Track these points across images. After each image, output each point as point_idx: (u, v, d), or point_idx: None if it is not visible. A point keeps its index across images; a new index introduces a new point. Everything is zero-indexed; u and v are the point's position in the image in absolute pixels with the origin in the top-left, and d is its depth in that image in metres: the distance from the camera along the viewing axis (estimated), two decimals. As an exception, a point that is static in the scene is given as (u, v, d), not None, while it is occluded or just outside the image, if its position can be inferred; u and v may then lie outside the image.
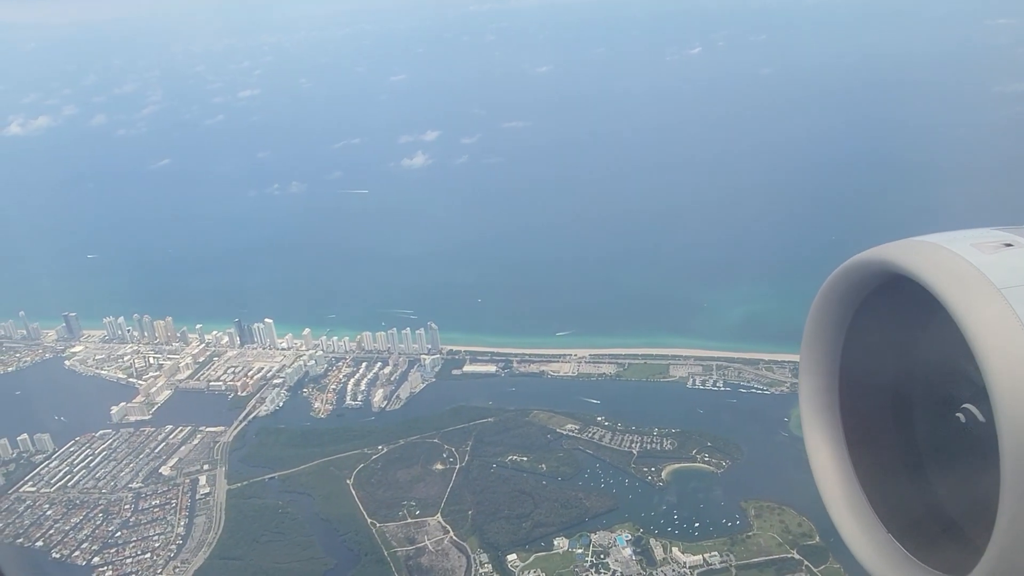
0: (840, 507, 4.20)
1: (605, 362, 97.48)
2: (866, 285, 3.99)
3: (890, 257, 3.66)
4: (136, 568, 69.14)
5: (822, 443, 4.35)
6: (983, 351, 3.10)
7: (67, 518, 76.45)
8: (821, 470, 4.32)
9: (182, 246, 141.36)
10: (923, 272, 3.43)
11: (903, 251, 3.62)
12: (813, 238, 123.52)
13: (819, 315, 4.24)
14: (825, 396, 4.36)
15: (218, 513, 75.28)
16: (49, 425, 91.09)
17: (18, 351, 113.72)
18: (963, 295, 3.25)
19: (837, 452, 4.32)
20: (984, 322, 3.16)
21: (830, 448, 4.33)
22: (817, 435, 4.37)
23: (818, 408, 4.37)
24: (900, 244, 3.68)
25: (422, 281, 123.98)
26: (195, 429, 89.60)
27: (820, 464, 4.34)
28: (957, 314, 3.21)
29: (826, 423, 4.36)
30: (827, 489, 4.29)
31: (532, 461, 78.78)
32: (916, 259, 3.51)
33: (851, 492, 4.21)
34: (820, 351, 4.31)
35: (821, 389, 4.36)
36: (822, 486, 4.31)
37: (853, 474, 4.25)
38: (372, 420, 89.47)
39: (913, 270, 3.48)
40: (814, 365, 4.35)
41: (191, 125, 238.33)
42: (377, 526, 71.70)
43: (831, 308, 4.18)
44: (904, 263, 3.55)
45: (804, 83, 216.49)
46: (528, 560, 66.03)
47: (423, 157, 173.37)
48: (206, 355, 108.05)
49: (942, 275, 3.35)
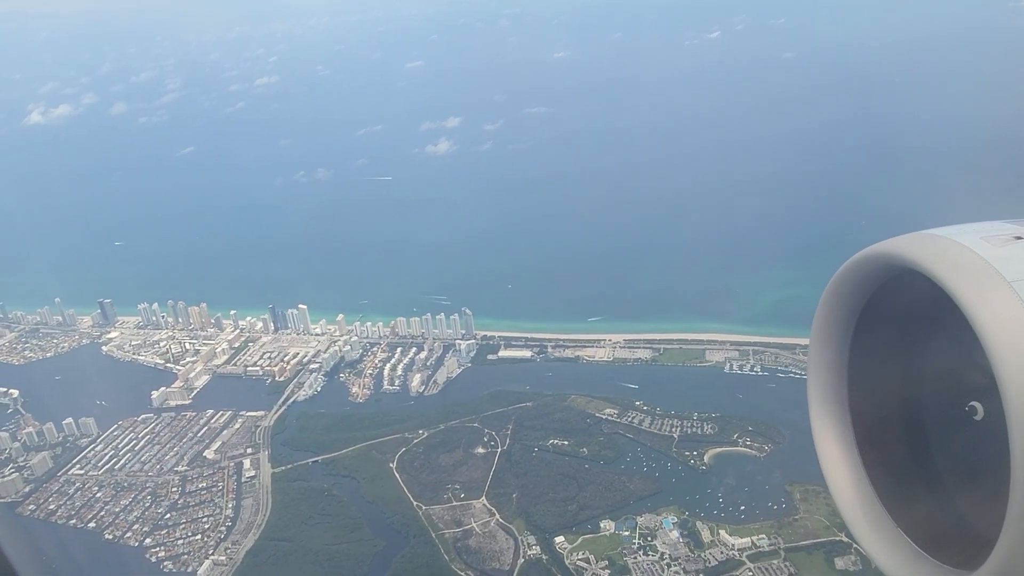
0: (850, 502, 4.19)
1: (640, 347, 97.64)
2: (875, 279, 3.93)
3: (899, 251, 3.61)
4: (188, 549, 70.26)
5: (831, 438, 4.32)
6: (993, 345, 3.07)
7: (116, 500, 77.76)
8: (830, 465, 4.31)
9: (211, 234, 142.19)
10: (932, 266, 3.40)
11: (912, 244, 3.58)
12: (842, 223, 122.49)
13: (828, 309, 4.20)
14: (834, 391, 4.33)
15: (265, 496, 76.31)
16: (91, 409, 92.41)
17: (55, 337, 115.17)
18: (973, 289, 3.21)
19: (846, 447, 4.29)
20: (994, 316, 3.12)
21: (839, 443, 4.30)
22: (826, 430, 4.34)
23: (827, 403, 4.34)
24: (909, 237, 3.65)
25: (451, 268, 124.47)
26: (236, 414, 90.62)
27: (829, 459, 4.32)
28: (967, 308, 3.18)
29: (835, 418, 4.32)
30: (836, 484, 4.27)
31: (573, 445, 79.23)
32: (925, 253, 3.47)
33: (861, 487, 4.19)
34: (829, 346, 4.29)
35: (830, 384, 4.33)
36: (831, 481, 4.30)
37: (862, 469, 4.22)
38: (411, 405, 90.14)
39: (922, 264, 3.45)
40: (822, 360, 4.33)
41: (211, 113, 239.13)
42: (423, 509, 72.47)
43: (840, 302, 4.14)
44: (913, 257, 3.51)
45: (827, 68, 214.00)
46: (575, 542, 66.59)
47: (447, 144, 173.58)
48: (241, 341, 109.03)
49: (952, 269, 3.32)
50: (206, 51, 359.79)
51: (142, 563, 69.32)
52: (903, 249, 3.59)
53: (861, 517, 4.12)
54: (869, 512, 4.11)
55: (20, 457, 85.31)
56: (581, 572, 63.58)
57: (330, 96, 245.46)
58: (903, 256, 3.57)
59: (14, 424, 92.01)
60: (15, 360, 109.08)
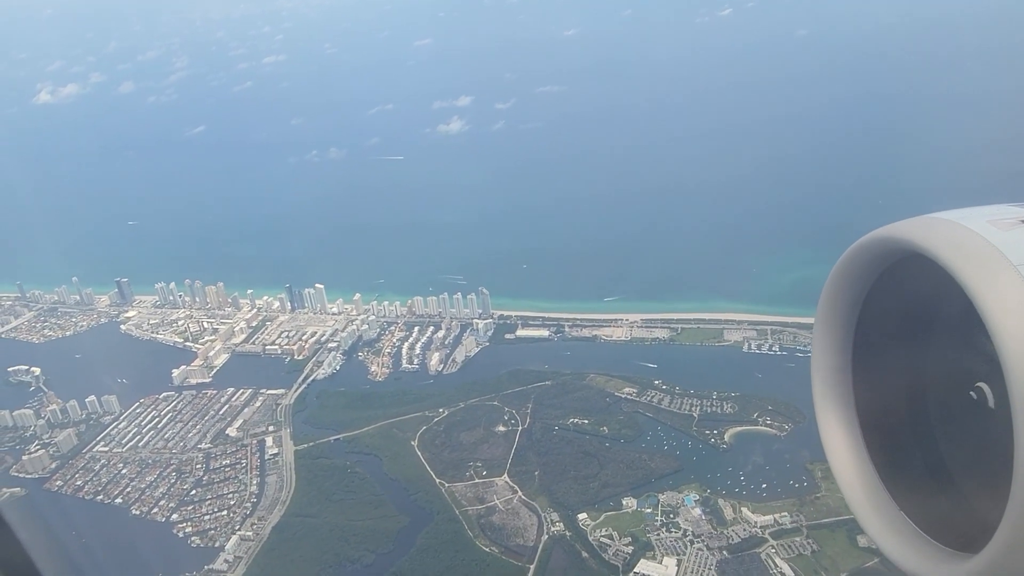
0: (853, 486, 4.18)
1: (658, 327, 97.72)
2: (880, 263, 3.91)
3: (904, 234, 3.58)
4: (214, 525, 71.20)
5: (835, 422, 4.32)
6: (999, 329, 3.05)
7: (142, 476, 78.73)
8: (834, 449, 4.30)
9: (225, 213, 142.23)
10: (938, 249, 3.36)
11: (917, 228, 3.55)
12: (859, 203, 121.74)
13: (832, 294, 4.18)
14: (838, 375, 4.32)
15: (288, 473, 77.11)
16: (113, 388, 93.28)
17: (73, 316, 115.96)
18: (979, 272, 3.18)
19: (850, 431, 4.29)
20: (1000, 300, 3.09)
21: (843, 427, 4.30)
22: (830, 414, 4.34)
23: (831, 387, 4.34)
24: (914, 221, 3.62)
25: (466, 247, 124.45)
26: (256, 392, 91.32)
27: (833, 443, 4.31)
28: (973, 292, 3.16)
29: (839, 402, 4.32)
30: (840, 468, 4.27)
31: (593, 424, 79.67)
32: (931, 236, 3.44)
33: (864, 471, 4.19)
34: (833, 330, 4.28)
35: (834, 368, 4.32)
36: (835, 465, 4.29)
37: (866, 453, 4.22)
38: (430, 383, 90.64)
39: (928, 247, 3.41)
40: (827, 344, 4.32)
41: (220, 92, 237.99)
42: (446, 486, 73.16)
43: (844, 287, 4.12)
44: (919, 240, 3.48)
45: (841, 45, 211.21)
46: (598, 519, 67.21)
47: (459, 123, 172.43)
48: (258, 320, 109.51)
49: (957, 252, 3.29)
50: (211, 29, 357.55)
51: (169, 538, 70.33)
52: (908, 233, 3.56)
53: (864, 500, 4.12)
54: (872, 495, 4.11)
55: (45, 434, 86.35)
56: (605, 548, 64.19)
57: (339, 75, 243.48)
58: (908, 240, 3.54)
59: (37, 402, 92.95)
60: (35, 339, 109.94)
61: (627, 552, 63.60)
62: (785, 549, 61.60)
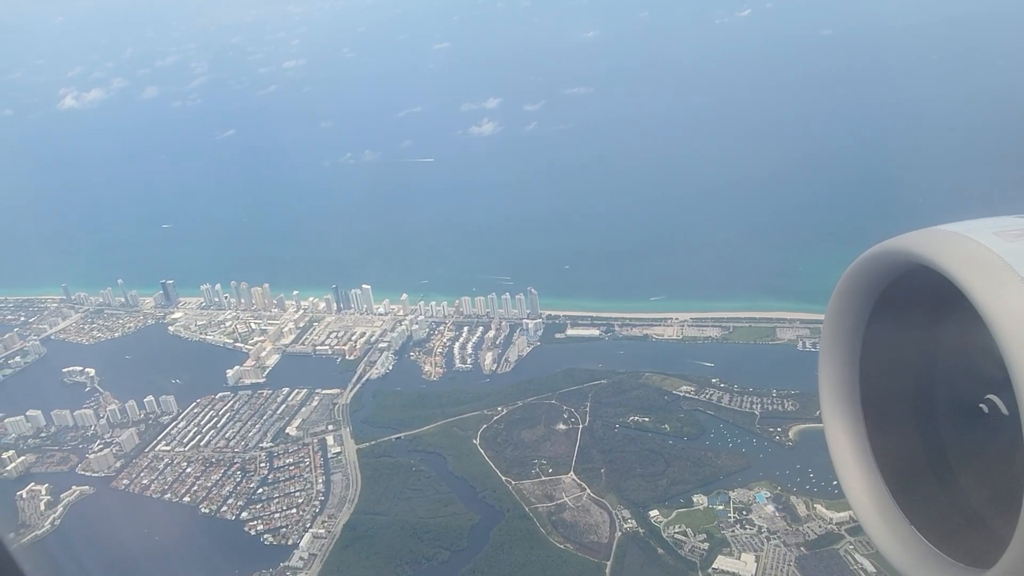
0: (862, 500, 4.13)
1: (708, 325, 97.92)
2: (886, 275, 3.86)
3: (911, 246, 3.54)
4: (285, 522, 71.62)
5: (843, 435, 4.26)
6: (1007, 341, 3.01)
7: (207, 475, 79.27)
8: (842, 463, 4.24)
9: (263, 215, 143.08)
10: (945, 261, 3.32)
11: (924, 240, 3.50)
12: (898, 201, 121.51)
13: (839, 306, 4.13)
14: (846, 388, 4.26)
15: (353, 471, 77.51)
16: (167, 388, 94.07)
17: (120, 318, 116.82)
18: (986, 284, 3.15)
19: (859, 444, 4.23)
20: (1008, 312, 3.06)
21: (851, 440, 4.24)
22: (838, 427, 4.28)
23: (839, 400, 4.28)
24: (921, 233, 3.57)
25: (506, 248, 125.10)
26: (311, 391, 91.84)
27: (841, 457, 4.26)
28: (980, 304, 3.13)
29: (847, 415, 4.26)
30: (849, 482, 4.21)
31: (654, 422, 79.88)
32: (938, 248, 3.40)
33: (873, 485, 4.14)
34: (840, 342, 4.22)
35: (842, 381, 4.27)
36: (843, 479, 4.23)
37: (875, 466, 4.17)
38: (486, 383, 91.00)
39: (935, 259, 3.37)
40: (834, 356, 4.27)
41: (244, 96, 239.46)
42: (513, 484, 73.45)
43: (851, 299, 4.07)
44: (925, 252, 3.44)
45: (867, 45, 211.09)
46: (670, 516, 67.38)
47: (491, 124, 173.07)
48: (305, 320, 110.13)
49: (964, 264, 3.26)
50: (225, 34, 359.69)
51: (241, 536, 70.80)
52: (915, 245, 3.52)
53: (874, 514, 4.07)
54: (882, 509, 4.06)
55: (106, 433, 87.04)
56: (680, 545, 64.37)
57: (361, 78, 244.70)
58: (915, 252, 3.50)
59: (94, 402, 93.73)
60: (85, 340, 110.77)
61: (703, 549, 63.75)
62: (864, 545, 61.48)
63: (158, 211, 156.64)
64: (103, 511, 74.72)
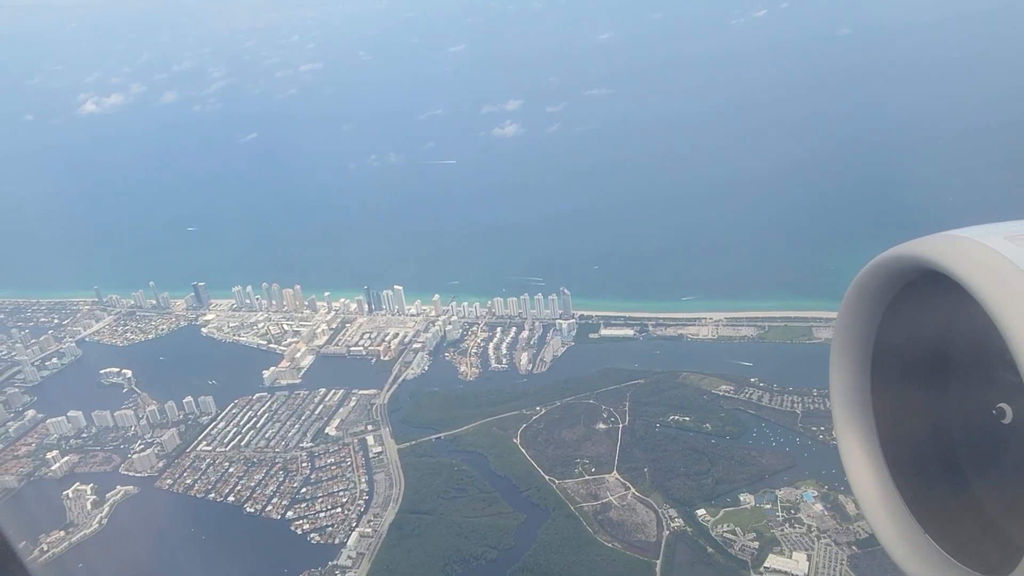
0: (876, 508, 4.08)
1: (743, 325, 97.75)
2: (897, 281, 3.83)
3: (922, 252, 3.50)
4: (331, 521, 71.91)
5: (855, 443, 4.22)
6: (1020, 346, 2.97)
7: (250, 475, 79.70)
8: (855, 471, 4.20)
9: (289, 217, 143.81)
10: (956, 267, 3.29)
11: (935, 246, 3.47)
12: (927, 199, 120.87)
13: (850, 312, 4.11)
14: (857, 394, 4.23)
15: (395, 471, 77.75)
16: (203, 389, 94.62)
17: (152, 320, 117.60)
18: (998, 289, 3.11)
19: (871, 452, 4.18)
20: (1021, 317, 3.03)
21: (864, 448, 4.20)
22: (850, 435, 4.24)
23: (850, 407, 4.25)
24: (931, 239, 3.53)
25: (534, 248, 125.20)
26: (348, 392, 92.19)
27: (854, 464, 4.21)
28: (992, 309, 3.09)
29: (859, 422, 4.22)
30: (862, 490, 4.17)
31: (695, 421, 79.78)
32: (949, 253, 3.37)
33: (886, 493, 4.09)
34: (851, 348, 4.20)
35: (853, 387, 4.24)
36: (856, 487, 4.19)
37: (888, 474, 4.12)
38: (523, 382, 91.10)
39: (946, 265, 3.34)
40: (845, 362, 4.25)
41: (264, 100, 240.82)
42: (556, 483, 73.53)
43: (861, 305, 4.04)
44: (936, 258, 3.40)
45: (888, 44, 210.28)
46: (717, 515, 67.27)
47: (514, 126, 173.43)
48: (337, 322, 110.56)
49: (976, 269, 3.22)
50: (239, 39, 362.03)
51: (288, 535, 71.13)
52: (926, 250, 3.48)
53: (888, 522, 4.02)
54: (896, 517, 4.01)
55: (146, 434, 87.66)
56: (730, 543, 64.26)
57: (379, 81, 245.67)
58: (926, 257, 3.47)
59: (132, 402, 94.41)
60: (119, 342, 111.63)
61: (753, 547, 63.61)
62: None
63: (183, 214, 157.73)
64: (149, 510, 75.26)
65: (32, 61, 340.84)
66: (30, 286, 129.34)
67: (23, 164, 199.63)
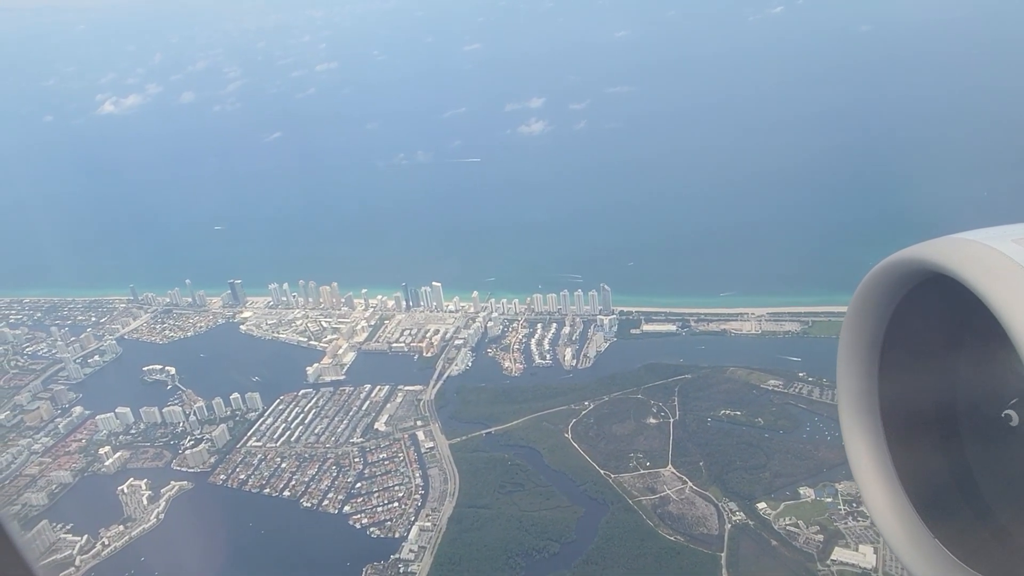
0: (885, 514, 4.03)
1: (786, 320, 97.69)
2: (904, 284, 3.78)
3: (928, 255, 3.46)
4: (389, 516, 72.14)
5: (863, 448, 4.16)
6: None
7: (303, 470, 80.00)
8: (864, 476, 4.13)
9: (321, 215, 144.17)
10: (964, 270, 3.25)
11: (942, 249, 3.43)
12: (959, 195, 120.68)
13: (856, 317, 4.06)
14: (865, 400, 4.17)
15: (449, 466, 77.94)
16: (247, 385, 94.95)
17: (189, 317, 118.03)
18: (1006, 292, 3.08)
19: (879, 457, 4.13)
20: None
21: (872, 453, 4.14)
22: (858, 440, 4.19)
23: (858, 412, 4.19)
24: (938, 242, 3.50)
25: (567, 245, 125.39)
26: (394, 388, 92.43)
27: (862, 470, 4.15)
28: (1000, 312, 3.05)
29: (867, 428, 4.17)
30: (871, 495, 4.11)
31: (746, 415, 79.80)
32: (956, 256, 3.32)
33: (896, 498, 4.04)
34: (858, 353, 4.14)
35: (860, 392, 4.17)
36: (865, 492, 4.13)
37: (897, 479, 4.07)
38: (568, 378, 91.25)
39: (953, 268, 3.30)
40: (852, 368, 4.20)
41: (283, 100, 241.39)
42: (612, 477, 73.66)
43: (868, 309, 3.99)
44: (944, 261, 3.36)
45: (908, 40, 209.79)
46: (778, 508, 67.29)
47: (541, 123, 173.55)
48: (376, 319, 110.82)
49: (983, 272, 3.19)
50: (250, 40, 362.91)
51: (347, 529, 71.40)
52: (933, 254, 3.44)
53: (897, 529, 3.97)
54: (906, 524, 3.97)
55: (195, 430, 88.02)
56: (794, 536, 64.27)
57: (398, 80, 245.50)
58: (933, 261, 3.43)
59: (178, 399, 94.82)
60: (158, 339, 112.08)
61: (818, 540, 63.62)
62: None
63: (212, 213, 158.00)
64: (206, 505, 75.57)
65: (44, 63, 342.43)
66: (64, 284, 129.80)
67: (47, 164, 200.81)
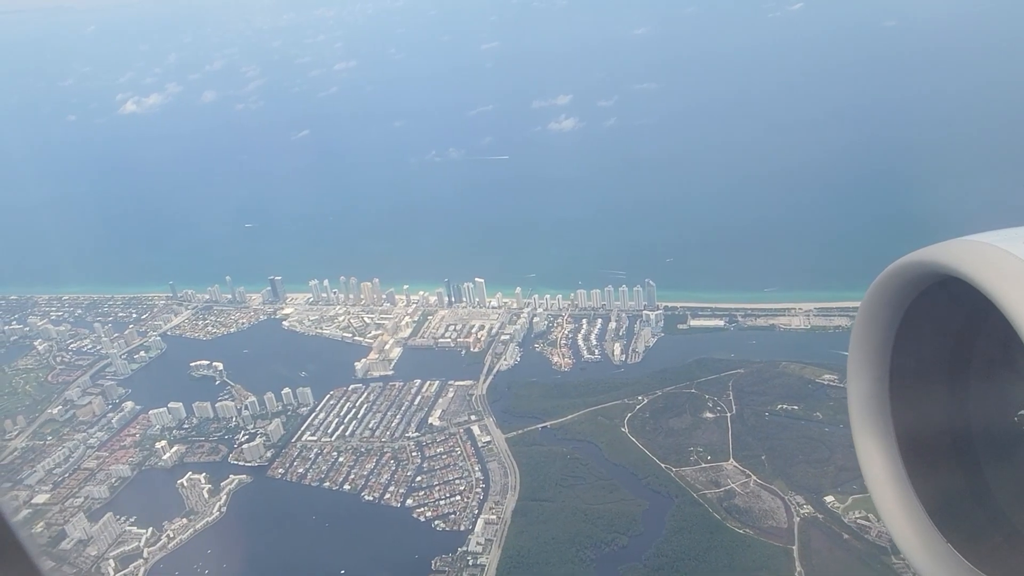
0: (896, 517, 4.03)
1: (835, 315, 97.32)
2: (914, 287, 3.79)
3: (939, 258, 3.49)
4: (452, 509, 72.26)
5: (874, 451, 4.17)
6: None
7: (361, 464, 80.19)
8: (874, 479, 4.15)
9: (355, 212, 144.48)
10: (974, 272, 3.25)
11: (952, 251, 3.45)
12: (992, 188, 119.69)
13: (867, 319, 4.06)
14: (876, 402, 4.18)
15: (507, 460, 78.02)
16: (295, 380, 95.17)
17: (230, 314, 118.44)
18: (1018, 295, 3.07)
19: (890, 460, 4.13)
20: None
21: (883, 456, 4.14)
22: (869, 442, 4.19)
23: (869, 415, 4.20)
24: (948, 244, 3.52)
25: (605, 241, 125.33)
26: (444, 383, 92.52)
27: (873, 473, 4.16)
28: (1012, 315, 3.04)
29: (878, 430, 4.17)
30: (882, 499, 4.11)
31: (804, 409, 79.56)
32: (966, 259, 3.34)
33: (907, 501, 4.03)
34: (869, 356, 4.14)
35: (871, 395, 4.18)
36: (876, 495, 4.13)
37: (908, 482, 4.07)
38: (619, 372, 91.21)
39: (964, 270, 3.30)
40: (863, 370, 4.19)
41: (305, 98, 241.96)
42: (674, 471, 73.59)
43: (879, 312, 4.00)
44: (954, 263, 3.37)
45: (935, 35, 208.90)
46: (846, 502, 67.02)
47: (572, 120, 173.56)
48: (418, 314, 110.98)
49: (994, 274, 3.18)
50: (263, 39, 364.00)
51: (411, 522, 71.51)
52: (943, 256, 3.47)
53: (909, 533, 3.96)
54: (917, 528, 3.96)
55: (249, 425, 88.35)
56: (865, 530, 64.00)
57: (419, 78, 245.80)
58: (944, 263, 3.45)
59: (227, 394, 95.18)
60: (202, 336, 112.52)
61: (890, 533, 63.32)
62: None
63: (243, 211, 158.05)
64: (267, 498, 75.94)
65: (61, 63, 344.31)
66: (102, 281, 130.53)
67: (75, 163, 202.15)
